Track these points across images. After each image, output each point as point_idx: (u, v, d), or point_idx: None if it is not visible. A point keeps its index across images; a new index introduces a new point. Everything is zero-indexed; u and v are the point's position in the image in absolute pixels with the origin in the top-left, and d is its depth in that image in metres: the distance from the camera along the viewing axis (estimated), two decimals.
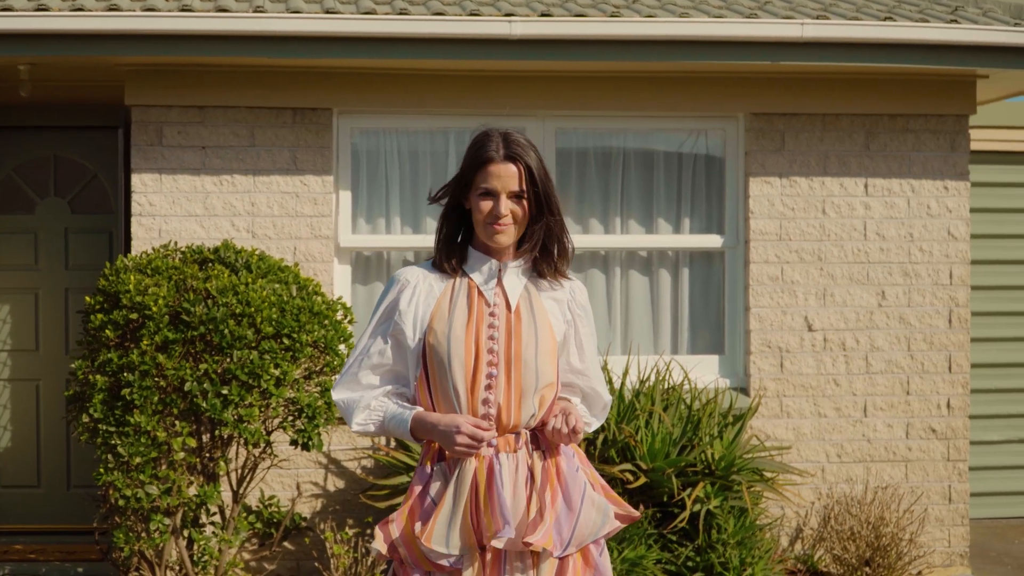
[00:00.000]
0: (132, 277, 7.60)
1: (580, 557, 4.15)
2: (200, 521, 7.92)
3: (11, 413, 9.84)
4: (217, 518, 8.27)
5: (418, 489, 4.12)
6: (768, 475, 8.60)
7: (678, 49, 8.72)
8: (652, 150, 9.57)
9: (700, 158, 9.57)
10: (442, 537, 4.02)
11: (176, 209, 8.90)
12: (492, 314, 4.15)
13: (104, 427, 7.53)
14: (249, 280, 7.69)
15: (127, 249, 8.92)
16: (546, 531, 4.00)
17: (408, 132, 9.32)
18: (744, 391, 9.37)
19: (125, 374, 7.46)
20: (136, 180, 8.90)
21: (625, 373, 8.58)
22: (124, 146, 8.93)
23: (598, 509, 4.12)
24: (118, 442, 7.48)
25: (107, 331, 7.55)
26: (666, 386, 8.70)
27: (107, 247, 9.82)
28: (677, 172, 9.57)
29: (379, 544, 4.12)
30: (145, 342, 7.45)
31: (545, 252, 4.21)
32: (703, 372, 9.38)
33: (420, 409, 4.13)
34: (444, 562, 4.04)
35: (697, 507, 8.06)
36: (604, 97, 9.26)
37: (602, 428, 8.06)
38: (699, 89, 9.30)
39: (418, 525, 4.06)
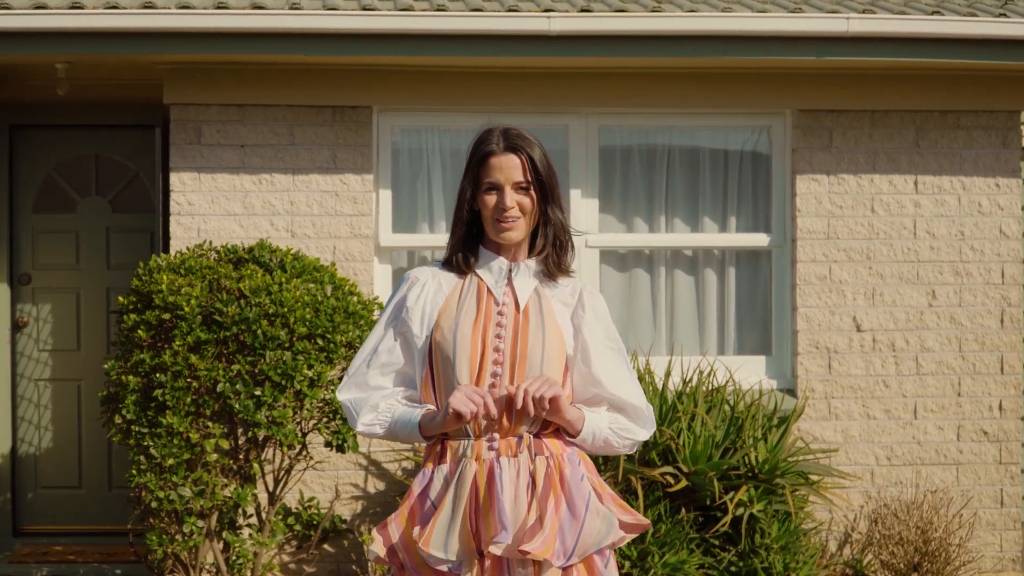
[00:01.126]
0: (165, 277, 7.53)
1: (584, 567, 4.01)
2: (237, 523, 7.84)
3: (52, 414, 9.80)
4: (254, 520, 8.19)
5: (418, 491, 4.02)
6: (814, 478, 8.43)
7: (720, 45, 8.58)
8: (697, 147, 9.42)
9: (746, 155, 9.41)
10: (441, 542, 3.91)
11: (215, 208, 8.83)
12: (500, 313, 4.05)
13: (137, 428, 7.47)
14: (283, 280, 7.61)
15: (165, 248, 8.85)
16: (545, 539, 3.87)
17: (449, 130, 9.22)
18: (791, 392, 9.20)
19: (157, 375, 7.39)
20: (175, 179, 8.84)
21: (667, 374, 8.43)
22: (162, 145, 8.86)
23: (603, 518, 3.98)
24: (150, 443, 7.42)
25: (140, 331, 7.48)
26: (710, 387, 8.54)
27: (149, 246, 9.76)
28: (723, 170, 9.42)
29: (377, 548, 4.01)
30: (177, 342, 7.38)
31: (554, 249, 4.11)
32: (749, 373, 9.22)
33: (430, 407, 4.02)
34: (443, 567, 3.92)
35: (740, 511, 7.91)
36: (648, 94, 9.12)
37: None
38: (745, 85, 9.14)
39: (416, 529, 3.95)
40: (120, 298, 7.78)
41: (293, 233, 8.87)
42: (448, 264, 4.16)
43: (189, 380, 7.41)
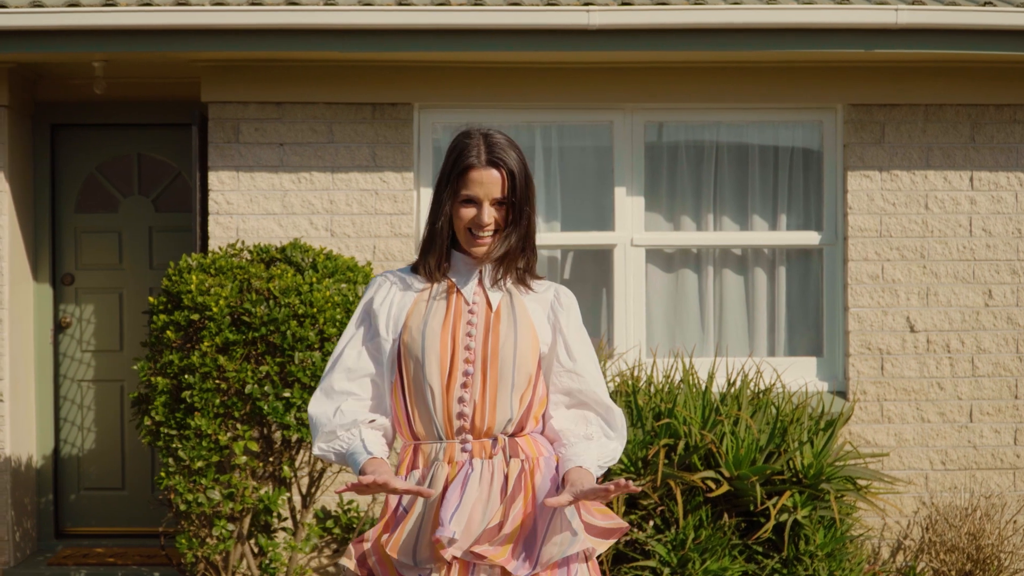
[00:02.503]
0: (195, 277, 7.43)
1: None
2: (271, 527, 7.72)
3: (95, 415, 9.73)
4: (289, 524, 8.07)
5: (393, 501, 3.89)
6: (862, 483, 8.19)
7: (765, 38, 8.38)
8: (746, 144, 9.21)
9: (796, 152, 9.19)
10: (409, 547, 3.79)
11: (254, 208, 8.72)
12: (471, 312, 3.94)
13: (165, 430, 7.38)
14: (314, 280, 7.48)
15: (204, 248, 8.76)
16: (499, 544, 3.74)
17: (493, 127, 9.04)
18: (843, 395, 8.98)
19: (186, 376, 7.29)
20: (213, 178, 8.75)
21: (711, 376, 8.22)
22: (199, 144, 8.77)
23: (565, 528, 3.82)
24: (179, 445, 7.32)
25: (169, 332, 7.39)
26: (756, 389, 8.33)
27: (192, 246, 9.66)
28: (773, 166, 9.20)
29: (346, 560, 3.88)
30: (206, 343, 7.28)
31: (523, 256, 4.00)
32: (800, 375, 9.01)
33: (379, 457, 3.82)
34: (411, 574, 3.80)
35: (784, 517, 7.69)
36: (694, 88, 8.93)
37: (684, 434, 7.72)
38: (794, 79, 8.92)
39: (386, 535, 3.83)
40: (150, 298, 7.70)
41: (332, 232, 8.75)
42: (417, 269, 4.03)
43: (218, 381, 7.31)
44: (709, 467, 7.79)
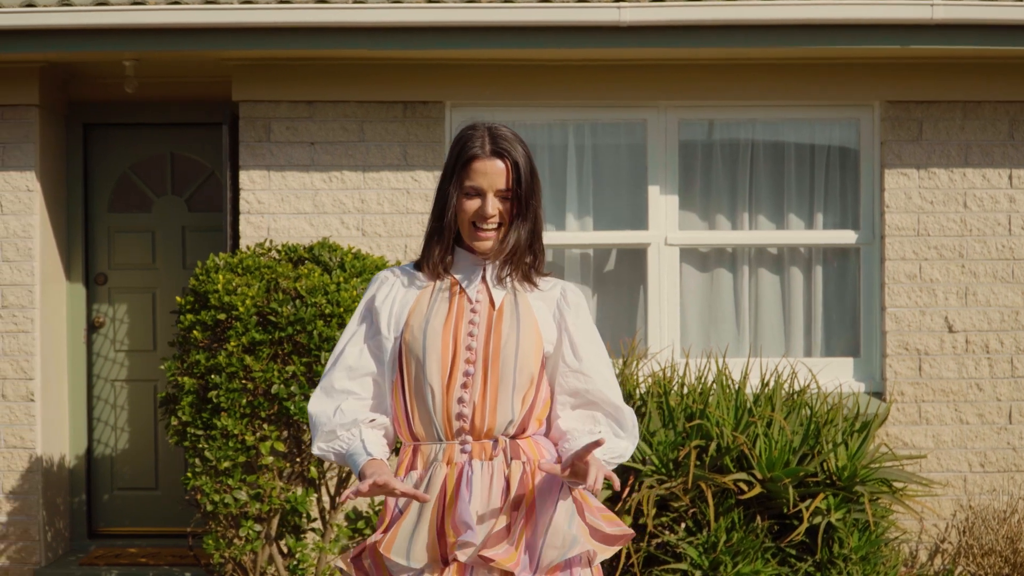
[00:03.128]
0: (221, 276, 7.39)
1: None
2: (301, 528, 7.67)
3: (128, 414, 9.72)
4: (318, 525, 8.02)
5: (391, 503, 3.83)
6: (898, 486, 8.07)
7: (799, 34, 8.27)
8: (782, 142, 9.10)
9: (833, 150, 9.08)
10: (403, 548, 3.72)
11: (285, 207, 8.68)
12: (473, 310, 3.86)
13: (192, 430, 7.33)
14: (341, 279, 7.43)
15: (234, 248, 8.72)
16: (508, 548, 3.66)
17: (525, 125, 8.99)
18: (880, 396, 8.86)
19: (213, 376, 7.25)
20: (244, 177, 8.72)
21: (744, 377, 8.12)
22: (230, 143, 8.73)
23: (566, 531, 3.74)
24: (205, 446, 7.27)
25: (195, 332, 7.35)
26: (791, 390, 8.22)
27: (225, 245, 9.63)
28: (809, 164, 9.09)
29: (342, 562, 3.82)
30: (232, 343, 7.23)
31: (530, 253, 3.91)
32: (836, 376, 8.90)
33: (378, 458, 3.77)
34: (406, 575, 3.73)
35: (817, 519, 7.58)
36: (729, 86, 8.83)
37: (716, 435, 7.62)
38: (830, 76, 8.81)
39: (380, 536, 3.76)
40: (177, 298, 7.66)
41: (364, 232, 8.70)
42: (420, 267, 3.95)
43: (244, 382, 7.26)
44: (742, 469, 7.69)
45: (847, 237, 8.99)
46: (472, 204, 3.82)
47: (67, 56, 8.61)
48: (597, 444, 3.53)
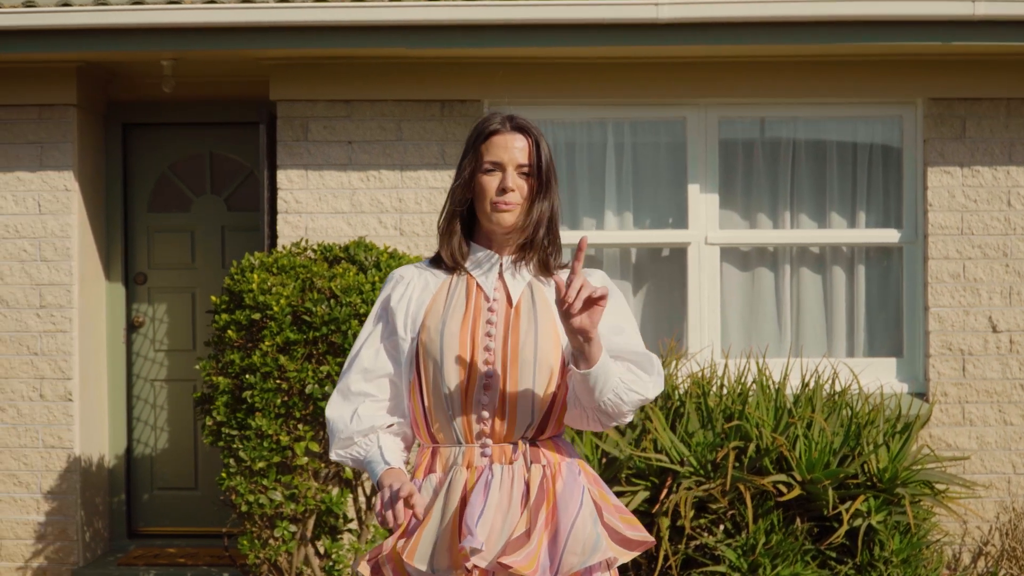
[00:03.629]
0: (256, 276, 7.36)
1: None
2: (338, 529, 7.64)
3: (168, 414, 9.71)
4: (355, 525, 7.98)
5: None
6: (940, 488, 7.97)
7: (839, 31, 8.19)
8: (823, 140, 9.00)
9: (876, 147, 8.98)
10: (426, 555, 3.64)
11: (322, 206, 8.65)
12: (491, 309, 3.77)
13: (227, 430, 7.31)
14: (376, 279, 7.40)
15: (272, 247, 8.70)
16: (529, 553, 3.58)
17: (563, 124, 8.94)
18: (923, 396, 8.75)
19: (247, 376, 7.23)
20: (282, 177, 8.69)
21: (784, 377, 8.03)
22: (268, 142, 8.71)
23: (587, 537, 3.66)
24: (240, 446, 7.25)
25: (230, 331, 7.33)
26: (832, 391, 8.13)
27: (263, 245, 9.62)
28: (851, 162, 8.99)
29: (363, 568, 3.75)
30: (267, 343, 7.21)
31: (549, 243, 3.82)
32: (879, 376, 8.79)
33: (397, 467, 3.71)
34: None
35: (857, 522, 7.49)
36: (769, 83, 8.74)
37: (755, 436, 7.54)
38: (872, 73, 8.70)
39: (401, 542, 3.68)
40: (212, 297, 7.64)
41: (401, 231, 8.66)
42: (437, 261, 3.88)
43: (279, 381, 7.23)
44: (781, 470, 7.61)
45: (890, 236, 8.89)
46: (492, 180, 3.74)
47: (103, 56, 8.62)
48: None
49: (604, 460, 7.73)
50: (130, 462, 9.71)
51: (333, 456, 3.81)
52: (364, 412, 3.78)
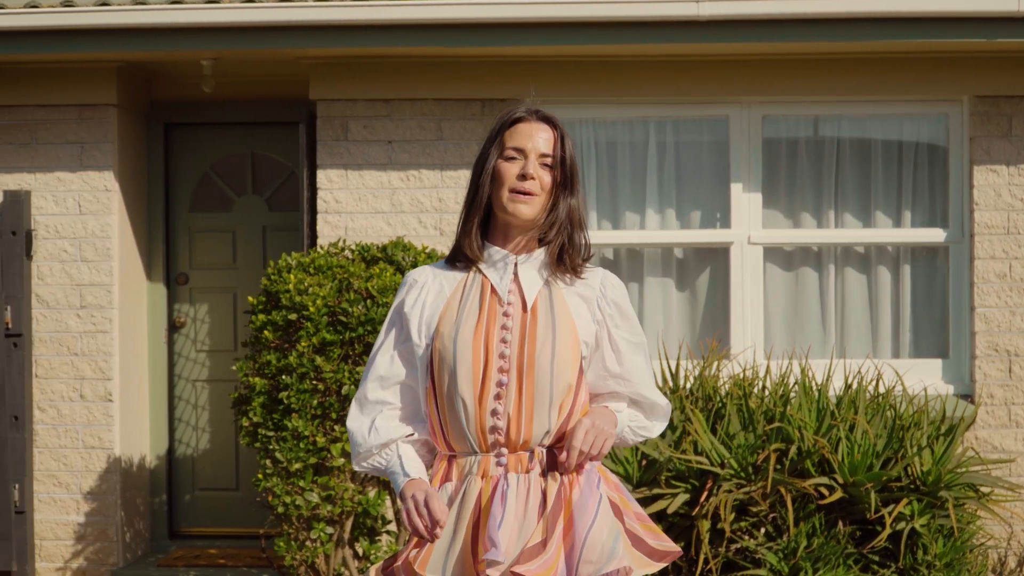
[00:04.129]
0: (293, 276, 7.33)
1: None
2: (376, 531, 7.60)
3: (209, 415, 9.70)
4: (393, 527, 7.94)
5: None
6: (985, 490, 7.85)
7: (882, 28, 8.09)
8: (868, 138, 8.90)
9: (921, 146, 8.86)
10: (439, 565, 3.58)
11: (362, 206, 8.62)
12: (506, 314, 3.69)
13: (263, 431, 7.29)
14: None
15: (311, 247, 8.67)
16: (545, 562, 3.51)
17: (605, 122, 8.87)
18: (968, 398, 8.63)
19: (283, 376, 7.20)
20: (322, 176, 8.66)
21: (827, 378, 7.94)
22: (308, 142, 8.68)
23: (603, 543, 3.60)
24: (276, 447, 7.22)
25: (267, 332, 7.30)
26: (875, 392, 8.03)
27: (302, 245, 9.59)
28: (896, 161, 8.88)
29: (374, 573, 3.70)
30: (303, 343, 7.17)
31: (570, 244, 3.74)
32: (924, 377, 8.67)
33: (418, 478, 3.67)
34: None
35: (900, 525, 7.39)
36: (813, 81, 8.65)
37: (797, 438, 7.45)
38: (917, 71, 8.59)
39: (414, 552, 3.61)
40: (249, 298, 7.62)
41: (442, 231, 8.61)
42: (452, 260, 3.81)
43: (315, 382, 7.20)
44: (823, 473, 7.52)
45: (935, 235, 8.78)
46: (513, 167, 3.66)
47: (142, 56, 8.62)
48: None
49: (644, 462, 7.67)
50: (172, 462, 9.71)
51: (355, 467, 3.78)
52: (381, 424, 3.73)
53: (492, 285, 3.73)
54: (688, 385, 7.98)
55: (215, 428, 9.70)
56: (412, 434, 3.76)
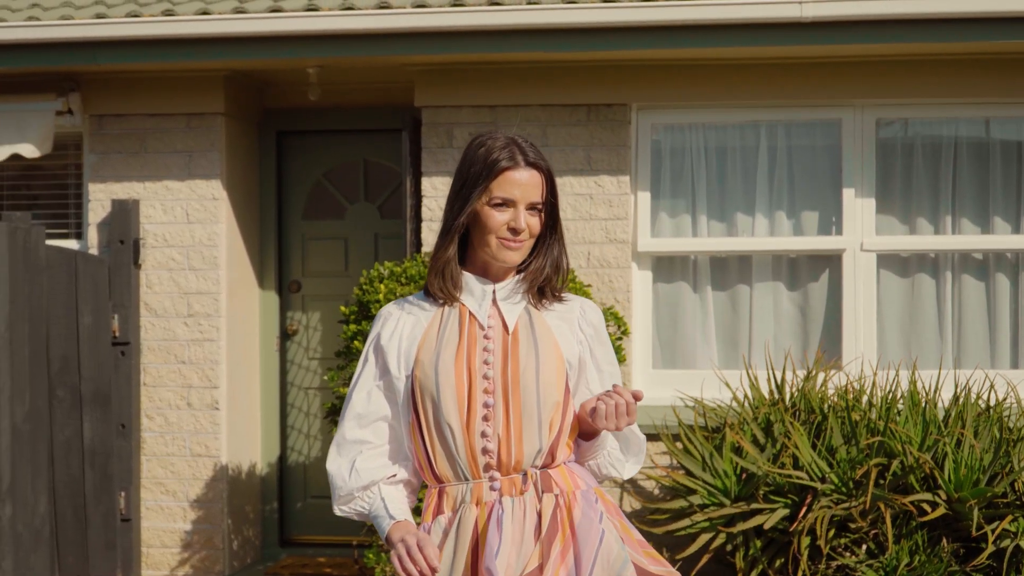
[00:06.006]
0: (383, 286, 7.29)
1: None
2: None
3: (321, 422, 9.69)
4: None
5: None
6: None
7: (990, 27, 7.80)
8: (986, 139, 8.61)
9: None
10: None
11: None
12: (487, 336, 3.60)
13: None
14: None
15: (415, 255, 8.62)
16: None
17: (713, 126, 8.69)
18: None
19: None
20: (426, 184, 8.61)
21: (936, 390, 7.68)
22: (412, 149, 8.63)
23: (615, 557, 3.49)
24: None
25: (356, 342, 7.27)
26: (986, 405, 7.75)
27: (407, 253, 9.55)
28: (1016, 164, 8.58)
29: None
30: None
31: (554, 272, 3.70)
32: None
33: (404, 520, 3.58)
34: None
35: (1005, 542, 7.13)
36: (928, 83, 8.39)
37: (900, 453, 7.22)
38: None
39: None
40: (342, 307, 7.59)
41: None
42: (427, 292, 3.71)
43: None
44: (928, 488, 7.28)
45: None
46: (502, 216, 3.58)
47: (245, 64, 8.64)
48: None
49: (743, 475, 7.50)
50: (283, 470, 9.72)
51: (336, 511, 3.70)
52: (362, 465, 3.65)
53: (471, 311, 3.65)
54: (790, 397, 7.79)
55: (327, 436, 9.70)
56: (394, 475, 3.67)
